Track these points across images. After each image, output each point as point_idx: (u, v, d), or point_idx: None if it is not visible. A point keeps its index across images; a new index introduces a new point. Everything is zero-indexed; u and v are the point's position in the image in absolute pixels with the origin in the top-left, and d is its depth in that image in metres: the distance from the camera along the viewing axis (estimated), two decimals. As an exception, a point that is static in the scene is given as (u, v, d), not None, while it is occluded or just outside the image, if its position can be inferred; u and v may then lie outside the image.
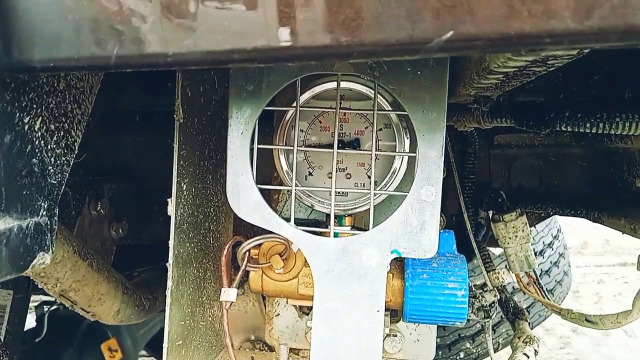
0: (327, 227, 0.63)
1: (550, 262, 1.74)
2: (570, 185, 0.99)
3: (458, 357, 1.62)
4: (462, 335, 1.63)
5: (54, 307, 2.39)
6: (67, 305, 0.93)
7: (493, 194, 1.01)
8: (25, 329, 2.11)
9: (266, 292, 0.72)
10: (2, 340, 1.37)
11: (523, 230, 0.96)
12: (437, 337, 1.34)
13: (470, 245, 0.98)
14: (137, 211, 1.15)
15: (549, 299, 0.98)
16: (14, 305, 1.52)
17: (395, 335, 0.79)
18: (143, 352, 3.75)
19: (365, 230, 0.60)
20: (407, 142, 0.66)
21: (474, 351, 1.62)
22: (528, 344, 0.87)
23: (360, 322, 0.58)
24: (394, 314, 0.80)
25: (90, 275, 0.91)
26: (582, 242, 5.76)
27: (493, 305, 0.85)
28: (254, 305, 1.05)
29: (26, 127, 0.51)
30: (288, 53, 0.36)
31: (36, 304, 2.43)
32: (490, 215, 1.00)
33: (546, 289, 1.73)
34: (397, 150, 0.66)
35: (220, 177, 0.75)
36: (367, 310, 0.58)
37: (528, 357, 0.84)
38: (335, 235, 0.61)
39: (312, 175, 0.69)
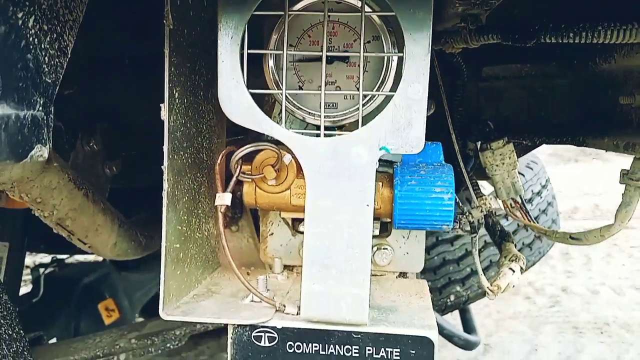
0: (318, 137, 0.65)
1: (539, 210, 1.78)
2: (557, 115, 1.01)
3: (449, 300, 1.66)
4: (453, 279, 1.68)
5: (50, 269, 2.42)
6: (64, 236, 0.95)
7: (481, 125, 1.04)
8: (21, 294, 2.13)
9: (260, 205, 0.74)
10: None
11: (510, 157, 0.99)
12: (427, 282, 1.37)
13: (460, 175, 1.00)
14: (130, 154, 1.16)
15: (534, 223, 1.01)
16: (11, 258, 1.54)
17: (386, 249, 0.82)
18: (140, 319, 3.80)
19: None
20: (395, 58, 0.68)
21: (464, 294, 1.67)
22: (514, 261, 0.90)
23: (351, 217, 0.60)
24: (384, 228, 0.83)
25: (86, 205, 0.93)
26: (572, 207, 5.85)
27: (480, 221, 0.87)
28: (248, 242, 1.08)
29: (20, 22, 0.52)
30: None
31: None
32: (479, 146, 1.03)
33: (534, 235, 1.78)
34: (384, 65, 0.67)
35: (212, 97, 0.77)
36: (357, 206, 0.60)
37: (514, 271, 0.87)
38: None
39: (301, 89, 0.70)
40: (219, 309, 0.67)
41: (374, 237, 0.82)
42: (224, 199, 0.66)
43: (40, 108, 0.53)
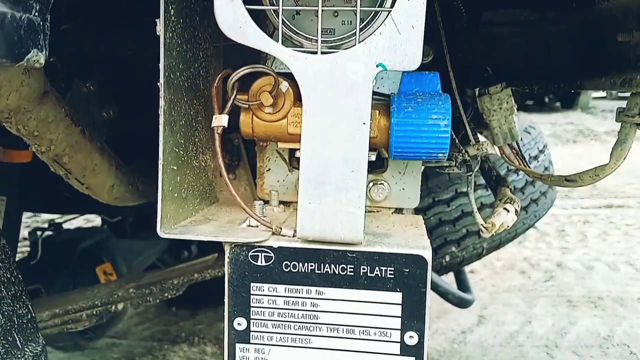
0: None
1: (544, 167, 1.79)
2: (555, 60, 1.01)
3: (444, 261, 1.68)
4: (448, 240, 1.69)
5: (48, 233, 2.43)
6: (61, 175, 0.95)
7: (479, 71, 1.03)
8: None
9: (256, 135, 0.74)
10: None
11: (507, 102, 0.99)
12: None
13: (459, 122, 1.01)
14: (127, 99, 1.16)
15: (529, 168, 1.02)
16: (8, 211, 1.54)
17: (382, 184, 0.82)
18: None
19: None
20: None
21: (459, 255, 1.68)
22: (509, 203, 0.91)
23: (347, 134, 0.61)
24: (380, 164, 0.84)
25: (82, 143, 0.93)
26: (569, 186, 5.82)
27: (476, 159, 0.88)
28: (245, 190, 1.08)
29: None
30: None
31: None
32: (477, 92, 1.03)
33: (530, 198, 1.79)
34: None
35: (209, 26, 0.76)
36: (353, 123, 0.60)
37: (508, 211, 0.88)
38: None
39: (299, 14, 0.70)
40: (216, 230, 0.68)
41: (370, 172, 0.83)
42: (220, 120, 0.66)
43: (37, 13, 0.52)
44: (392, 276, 0.63)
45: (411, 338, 0.64)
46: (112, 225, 2.84)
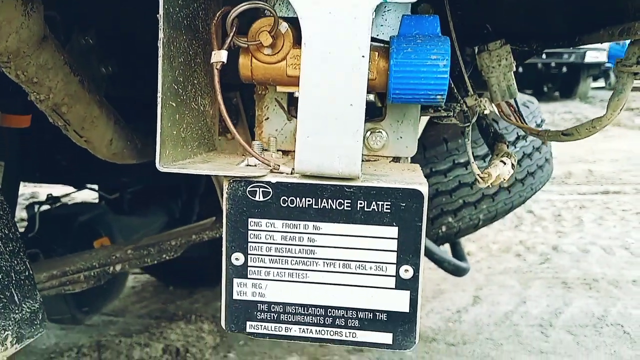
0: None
1: (533, 147, 1.79)
2: (553, 17, 1.01)
3: (440, 231, 1.69)
4: (445, 210, 1.69)
5: (45, 207, 2.43)
6: (59, 125, 0.95)
7: (479, 29, 1.04)
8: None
9: (255, 78, 0.75)
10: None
11: (506, 59, 0.99)
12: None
13: (460, 81, 1.01)
14: (126, 59, 1.16)
15: (527, 125, 1.02)
16: (6, 177, 1.55)
17: (380, 132, 0.82)
18: (137, 271, 3.84)
19: None
20: None
21: (456, 225, 1.69)
22: (506, 157, 0.92)
23: (346, 66, 0.61)
24: (378, 112, 0.84)
25: (82, 94, 0.93)
26: (566, 172, 5.88)
27: (473, 110, 0.88)
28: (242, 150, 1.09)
29: None
30: None
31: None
32: (476, 50, 1.03)
33: (527, 171, 1.79)
34: None
35: (209, -30, 0.76)
36: (353, 55, 0.61)
37: (505, 164, 0.88)
38: None
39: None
40: (214, 167, 0.68)
41: (368, 121, 0.83)
42: (220, 55, 0.66)
43: None
44: (389, 211, 0.64)
45: (406, 272, 0.64)
46: (110, 202, 2.84)
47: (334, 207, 0.64)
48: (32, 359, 2.82)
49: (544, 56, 10.36)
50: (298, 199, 0.65)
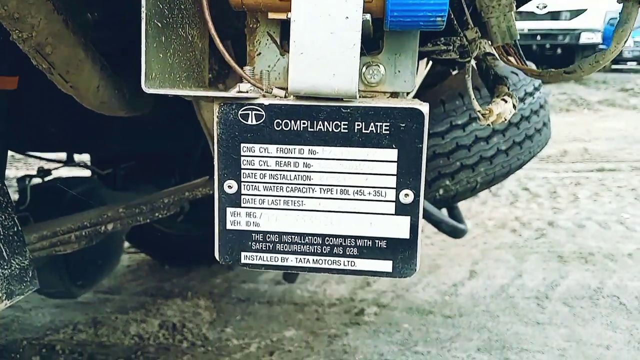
0: None
1: (531, 110, 1.76)
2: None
3: (437, 194, 1.66)
4: (442, 173, 1.67)
5: (37, 181, 2.39)
6: (44, 69, 0.91)
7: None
8: None
9: (246, 4, 0.71)
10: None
11: (506, -1, 0.95)
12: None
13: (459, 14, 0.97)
14: (111, 7, 1.12)
15: (528, 66, 0.99)
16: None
17: (377, 66, 0.79)
18: (133, 250, 3.81)
19: None
20: None
21: (453, 188, 1.66)
22: (507, 96, 0.89)
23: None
24: (375, 46, 0.80)
25: (66, 34, 0.89)
26: (561, 151, 5.88)
27: (473, 45, 0.85)
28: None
29: None
30: None
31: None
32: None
33: (525, 134, 1.77)
34: None
35: None
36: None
37: (506, 101, 0.85)
38: None
39: None
40: (203, 90, 0.65)
41: (364, 54, 0.80)
42: (208, -28, 0.63)
43: None
44: (388, 132, 0.60)
45: (406, 197, 0.61)
46: (103, 178, 2.80)
47: (330, 129, 0.61)
48: (27, 336, 2.79)
49: (538, 37, 10.32)
50: (292, 121, 0.61)
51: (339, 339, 2.62)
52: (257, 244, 0.65)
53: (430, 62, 1.58)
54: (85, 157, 2.99)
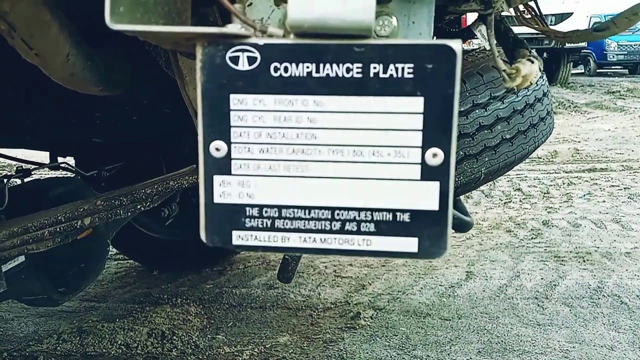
0: None
1: (535, 97, 1.65)
2: None
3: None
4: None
5: (15, 182, 2.24)
6: (3, 32, 0.78)
7: None
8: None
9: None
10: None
11: (524, -46, 0.84)
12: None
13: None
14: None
15: (549, 28, 0.87)
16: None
17: (387, 16, 0.66)
18: (120, 256, 3.65)
19: None
20: None
21: (457, 180, 1.54)
22: (533, 58, 0.77)
23: None
24: (385, -4, 0.68)
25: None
26: (552, 152, 5.82)
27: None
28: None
29: None
30: None
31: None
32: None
33: (530, 122, 1.66)
34: None
35: None
36: None
37: (532, 62, 0.73)
38: None
39: None
40: (181, 28, 0.52)
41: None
42: None
43: None
44: (412, 76, 0.48)
45: (435, 157, 0.48)
46: (87, 180, 2.65)
47: (340, 74, 0.48)
48: (8, 347, 2.63)
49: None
50: (294, 65, 0.49)
51: (335, 344, 2.49)
52: (252, 220, 0.51)
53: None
54: (70, 160, 2.84)
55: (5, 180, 2.15)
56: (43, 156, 2.68)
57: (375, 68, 0.48)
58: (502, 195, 4.57)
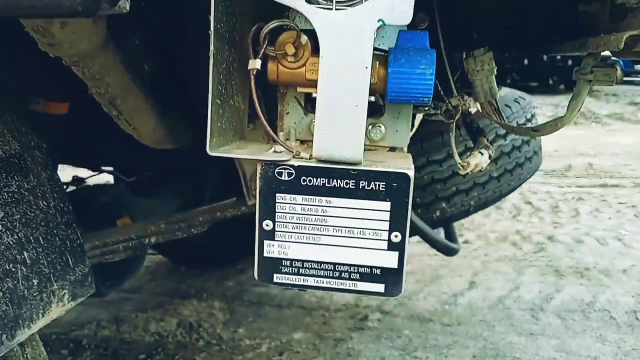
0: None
1: (522, 140, 1.97)
2: (529, 29, 1.19)
3: (434, 216, 1.88)
4: (439, 197, 1.88)
5: (71, 188, 2.64)
6: (113, 115, 1.15)
7: (467, 37, 1.22)
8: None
9: (280, 80, 0.94)
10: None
11: (489, 64, 1.17)
12: (417, 198, 1.58)
13: (447, 83, 1.20)
14: (164, 59, 1.35)
15: (505, 121, 1.21)
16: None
17: (380, 126, 1.02)
18: (150, 251, 4.05)
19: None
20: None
21: (449, 210, 1.88)
22: (484, 149, 1.11)
23: (353, 75, 0.80)
24: (378, 110, 1.03)
25: (133, 88, 1.12)
26: (566, 165, 6.04)
27: (457, 110, 1.07)
28: (263, 138, 1.28)
29: None
30: None
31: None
32: (464, 55, 1.21)
33: (516, 162, 1.98)
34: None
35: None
36: (358, 66, 0.80)
37: (482, 154, 1.07)
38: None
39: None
40: (252, 152, 0.88)
41: (370, 117, 1.02)
42: (255, 64, 0.85)
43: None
44: (384, 189, 0.83)
45: (396, 237, 0.84)
46: (128, 185, 3.05)
47: (342, 185, 0.84)
48: (55, 331, 3.03)
49: (549, 49, 10.46)
50: (315, 178, 0.84)
51: (344, 342, 2.84)
52: (286, 268, 0.87)
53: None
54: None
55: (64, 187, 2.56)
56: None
57: (362, 183, 0.83)
58: (512, 208, 4.85)
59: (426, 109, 1.05)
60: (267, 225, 0.87)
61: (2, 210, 1.14)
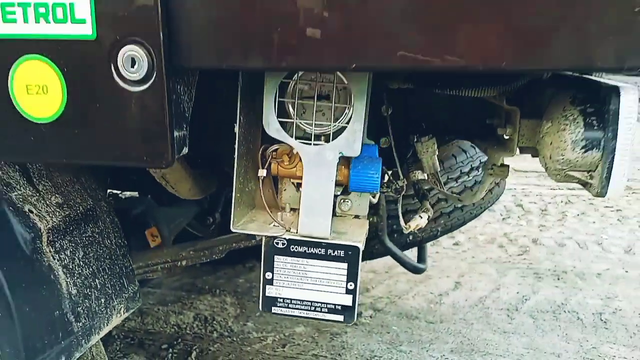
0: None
1: (475, 181, 2.46)
2: (461, 120, 1.69)
3: (408, 239, 2.37)
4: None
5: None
6: (163, 184, 1.66)
7: (417, 126, 1.71)
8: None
9: (280, 174, 1.44)
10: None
11: (431, 148, 1.66)
12: (393, 225, 2.06)
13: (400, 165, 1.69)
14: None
15: (444, 190, 1.70)
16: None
17: (347, 201, 1.52)
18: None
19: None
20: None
21: (420, 235, 2.37)
22: (424, 212, 1.61)
23: (322, 185, 1.30)
24: (345, 191, 1.53)
25: (179, 169, 1.64)
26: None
27: (402, 188, 1.57)
28: (269, 191, 1.79)
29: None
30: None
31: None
32: (415, 139, 1.71)
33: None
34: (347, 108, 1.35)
35: (257, 119, 1.45)
36: (326, 181, 1.30)
37: (421, 217, 1.57)
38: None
39: (304, 112, 1.38)
40: (259, 228, 1.39)
41: (341, 193, 1.52)
42: (263, 172, 1.36)
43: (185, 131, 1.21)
44: (343, 255, 1.34)
45: (350, 285, 1.35)
46: (153, 196, 3.56)
47: (316, 252, 1.35)
48: (88, 321, 3.56)
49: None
50: (299, 246, 1.35)
51: (339, 336, 3.37)
52: (280, 303, 1.39)
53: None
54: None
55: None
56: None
57: (329, 251, 1.34)
58: (504, 210, 5.32)
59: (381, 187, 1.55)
60: (268, 275, 1.38)
61: (82, 250, 1.66)
